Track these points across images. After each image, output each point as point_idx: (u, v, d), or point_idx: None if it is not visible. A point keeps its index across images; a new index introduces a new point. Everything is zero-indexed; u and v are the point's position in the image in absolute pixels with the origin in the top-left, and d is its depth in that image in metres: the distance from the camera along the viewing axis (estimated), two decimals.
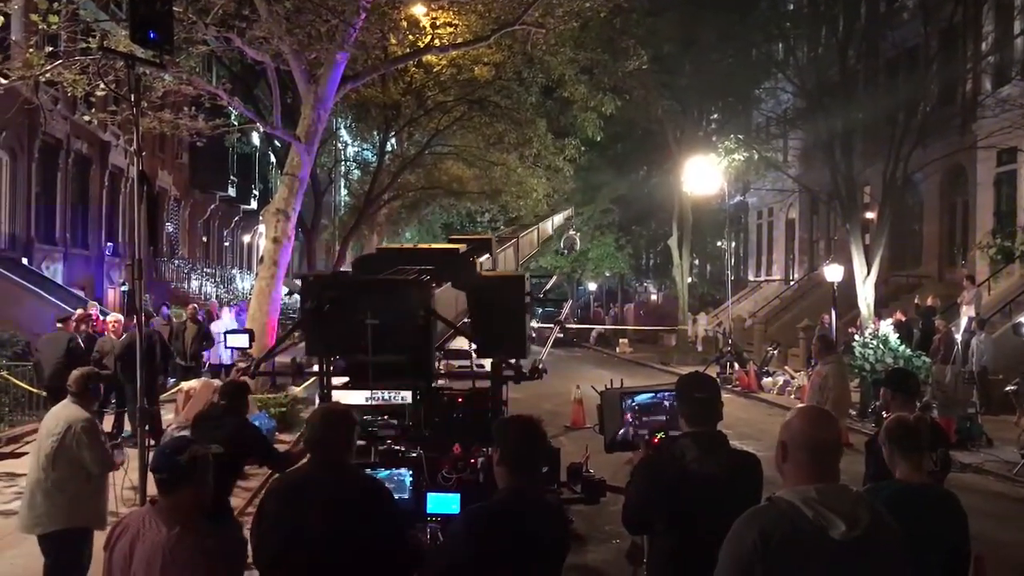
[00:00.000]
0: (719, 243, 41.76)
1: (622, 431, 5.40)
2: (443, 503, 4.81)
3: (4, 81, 12.42)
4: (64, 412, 5.96)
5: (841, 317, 21.67)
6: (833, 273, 21.14)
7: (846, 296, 22.17)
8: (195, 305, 19.23)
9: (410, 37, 16.90)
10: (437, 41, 17.04)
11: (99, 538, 5.13)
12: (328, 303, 5.87)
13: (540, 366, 6.89)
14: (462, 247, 8.29)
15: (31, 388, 13.98)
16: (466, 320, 7.24)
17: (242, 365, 9.52)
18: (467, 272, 7.27)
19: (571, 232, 20.15)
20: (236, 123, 23.03)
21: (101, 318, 15.94)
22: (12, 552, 8.04)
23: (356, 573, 3.62)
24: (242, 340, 7.98)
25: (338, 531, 3.60)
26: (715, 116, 35.79)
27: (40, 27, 12.04)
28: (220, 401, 6.34)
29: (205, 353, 17.17)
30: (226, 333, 9.74)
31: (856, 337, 18.19)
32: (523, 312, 7.59)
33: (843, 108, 22.56)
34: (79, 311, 15.45)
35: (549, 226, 16.63)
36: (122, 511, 6.29)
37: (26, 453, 12.53)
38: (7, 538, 8.46)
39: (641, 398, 5.51)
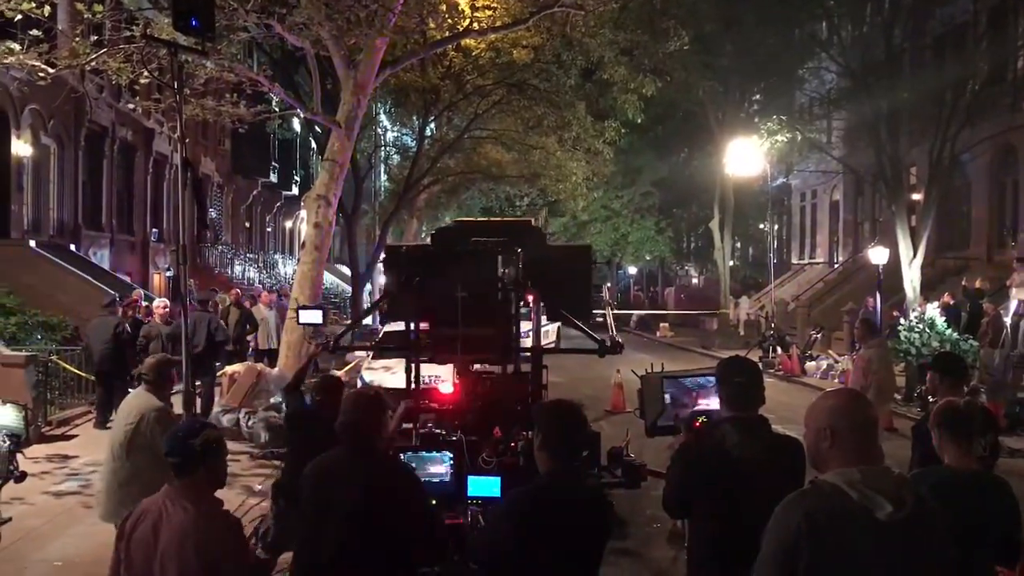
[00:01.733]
0: (761, 225, 41.31)
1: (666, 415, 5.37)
2: (484, 486, 4.83)
3: (51, 70, 12.59)
4: (137, 401, 5.95)
5: (886, 300, 21.35)
6: (878, 255, 20.82)
7: (891, 279, 21.84)
8: (238, 290, 19.46)
9: (449, 21, 16.87)
10: (476, 24, 16.99)
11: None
12: (418, 276, 5.94)
13: (619, 340, 7.11)
14: (532, 219, 8.80)
15: (80, 372, 14.27)
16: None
17: (319, 342, 9.57)
18: (538, 242, 7.48)
19: None
20: (277, 109, 23.17)
21: (145, 304, 16.20)
22: (73, 530, 8.24)
23: (385, 553, 3.64)
24: (316, 316, 8.05)
25: (367, 513, 3.62)
26: (757, 97, 35.34)
27: (85, 16, 12.19)
28: (316, 396, 6.26)
29: (249, 338, 17.39)
30: (299, 309, 9.82)
31: (901, 320, 17.91)
32: (589, 279, 7.94)
33: (889, 88, 22.15)
34: (132, 296, 15.74)
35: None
36: None
37: (76, 436, 12.83)
38: (60, 518, 8.67)
39: (689, 381, 5.49)
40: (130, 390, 11.52)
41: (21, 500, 8.12)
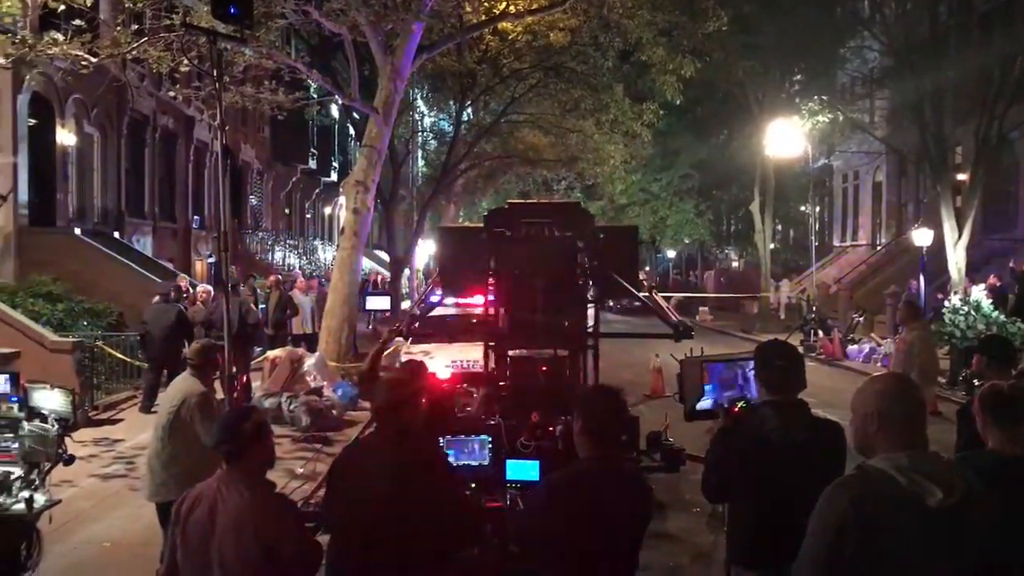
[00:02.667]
0: (803, 208, 40.80)
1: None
2: (522, 470, 4.84)
3: (94, 60, 12.77)
4: (182, 385, 6.05)
5: (930, 283, 21.02)
6: (922, 237, 20.49)
7: (935, 261, 21.49)
8: (278, 276, 19.64)
9: (485, 4, 16.85)
10: (512, 7, 16.95)
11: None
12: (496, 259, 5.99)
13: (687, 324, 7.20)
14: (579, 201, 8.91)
15: (125, 358, 14.51)
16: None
17: (393, 328, 9.68)
18: (587, 223, 7.52)
19: None
20: (315, 96, 23.32)
21: (191, 290, 16.42)
22: (120, 512, 8.40)
23: (418, 535, 3.66)
24: (383, 302, 8.17)
25: (400, 494, 3.64)
26: (798, 77, 34.82)
27: (126, 5, 12.36)
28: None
29: (289, 323, 17.56)
30: (366, 295, 9.93)
31: (946, 303, 17.62)
32: (636, 260, 8.02)
33: (933, 66, 21.71)
34: (180, 282, 15.96)
35: None
36: None
37: (122, 420, 13.07)
38: (109, 500, 8.85)
39: (729, 365, 5.45)
40: None
41: (70, 483, 8.28)
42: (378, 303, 7.81)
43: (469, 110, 28.20)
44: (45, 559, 5.84)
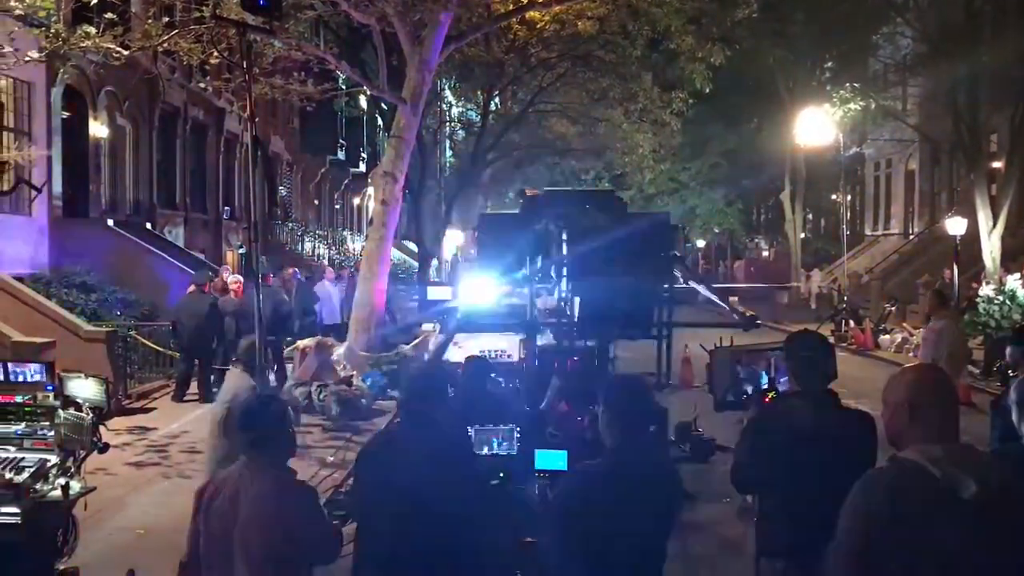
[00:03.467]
0: (834, 197, 40.38)
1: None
2: (551, 459, 4.84)
3: (125, 52, 12.89)
4: (233, 381, 6.22)
5: (964, 272, 20.75)
6: (956, 226, 20.22)
7: (969, 250, 21.19)
8: (295, 269, 19.51)
9: None
10: None
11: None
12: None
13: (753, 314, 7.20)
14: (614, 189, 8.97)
15: (158, 347, 14.68)
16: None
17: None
18: (621, 211, 7.53)
19: None
20: (344, 87, 23.40)
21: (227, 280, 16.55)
22: (153, 500, 8.52)
23: (444, 523, 3.68)
24: (444, 293, 8.17)
25: (425, 482, 3.66)
26: (829, 65, 34.42)
27: None
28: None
29: (320, 313, 17.65)
30: (428, 286, 9.92)
31: (980, 292, 17.39)
32: (670, 245, 8.00)
33: (968, 52, 21.36)
34: (225, 274, 16.08)
35: None
36: None
37: (155, 408, 13.24)
38: (142, 487, 8.97)
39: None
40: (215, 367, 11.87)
41: (104, 470, 8.39)
42: (439, 293, 7.73)
43: (497, 100, 28.11)
44: (80, 545, 5.93)
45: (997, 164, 23.07)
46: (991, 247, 20.77)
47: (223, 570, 3.54)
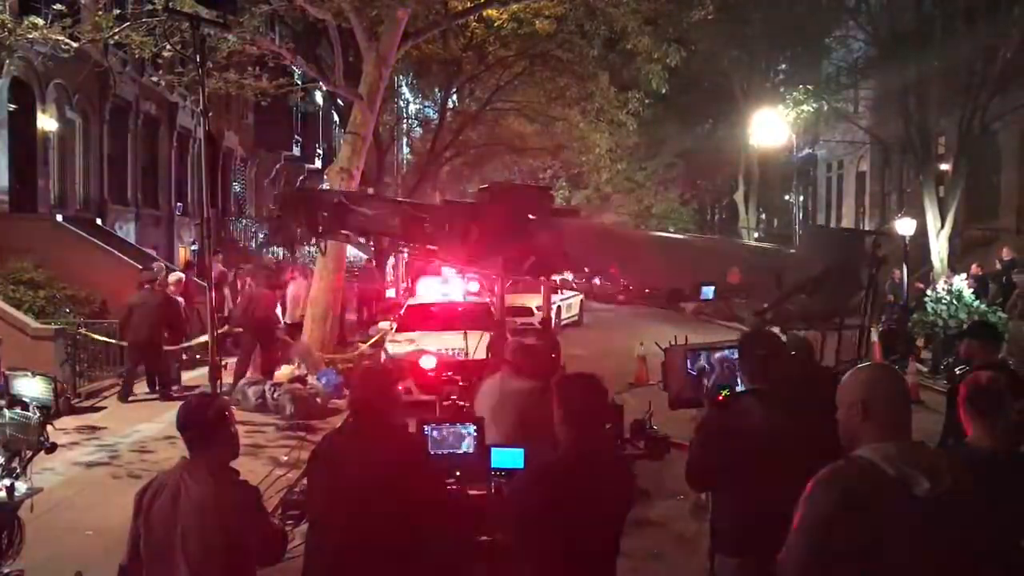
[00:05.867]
0: (787, 197, 40.94)
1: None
2: (507, 458, 4.84)
3: (74, 44, 12.65)
4: None
5: (912, 272, 21.14)
6: (905, 227, 20.60)
7: (918, 250, 21.60)
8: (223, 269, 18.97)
9: None
10: None
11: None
12: None
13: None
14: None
15: (111, 340, 14.37)
16: None
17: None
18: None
19: None
20: (299, 82, 23.18)
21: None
22: (103, 500, 8.38)
23: (395, 527, 3.67)
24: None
25: (376, 486, 3.64)
26: (783, 67, 34.88)
27: None
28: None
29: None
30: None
31: (928, 292, 17.74)
32: None
33: (918, 56, 21.76)
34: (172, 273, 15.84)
35: None
36: None
37: (105, 408, 13.00)
38: (90, 488, 8.83)
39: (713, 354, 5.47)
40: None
41: (51, 470, 8.25)
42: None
43: (455, 97, 28.08)
44: (27, 547, 5.82)
45: (945, 166, 23.51)
46: (939, 248, 21.18)
47: (164, 571, 3.49)
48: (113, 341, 14.31)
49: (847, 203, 37.43)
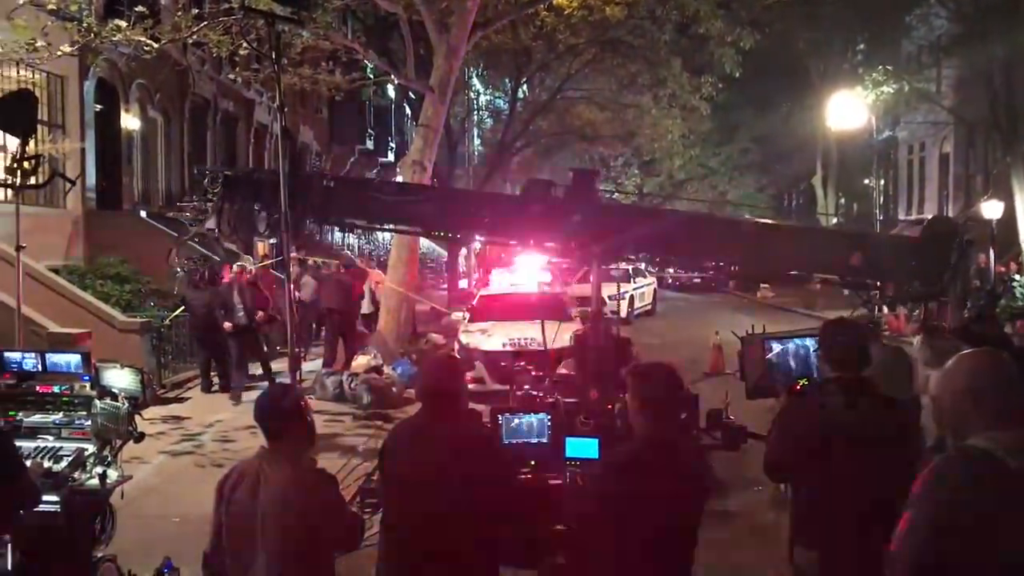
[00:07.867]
0: (866, 181, 39.90)
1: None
2: (582, 447, 4.84)
3: (155, 45, 12.98)
4: None
5: (1000, 256, 20.44)
6: (992, 209, 19.92)
7: (1006, 234, 20.87)
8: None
9: None
10: None
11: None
12: None
13: None
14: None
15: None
16: None
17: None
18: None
19: None
20: (371, 76, 23.43)
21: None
22: (189, 488, 8.61)
23: (468, 515, 3.68)
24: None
25: (447, 474, 3.65)
26: (861, 47, 33.94)
27: None
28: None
29: None
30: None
31: (1016, 276, 17.13)
32: None
33: (1003, 31, 20.98)
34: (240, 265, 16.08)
35: None
36: None
37: (189, 398, 13.35)
38: (178, 475, 9.09)
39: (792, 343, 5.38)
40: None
41: (140, 459, 8.50)
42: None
43: (525, 87, 28.03)
44: (118, 533, 6.01)
45: None
46: None
47: (245, 560, 3.56)
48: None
49: (930, 186, 36.30)
